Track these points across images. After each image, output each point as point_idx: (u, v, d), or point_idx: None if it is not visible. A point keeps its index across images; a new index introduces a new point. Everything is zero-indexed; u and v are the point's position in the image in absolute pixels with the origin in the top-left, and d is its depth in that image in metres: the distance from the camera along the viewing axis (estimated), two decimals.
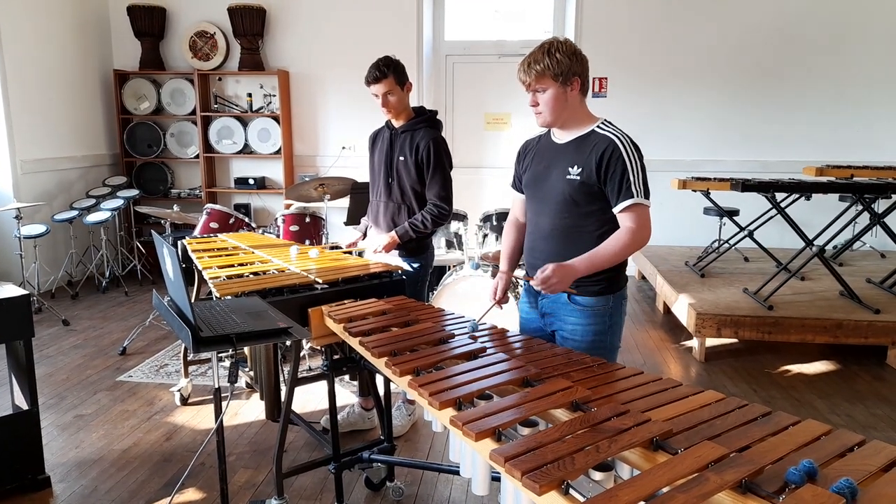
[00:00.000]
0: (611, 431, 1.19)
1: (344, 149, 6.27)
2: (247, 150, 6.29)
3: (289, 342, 2.03)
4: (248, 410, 3.27)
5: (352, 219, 3.80)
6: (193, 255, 2.76)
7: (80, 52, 5.95)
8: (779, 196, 4.34)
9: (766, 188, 4.12)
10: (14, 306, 2.44)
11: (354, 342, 1.85)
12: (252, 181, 6.27)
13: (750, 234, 5.03)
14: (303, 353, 3.79)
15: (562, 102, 1.95)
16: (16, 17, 5.19)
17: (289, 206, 4.32)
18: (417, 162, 2.78)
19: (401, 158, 2.82)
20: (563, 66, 1.90)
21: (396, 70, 2.73)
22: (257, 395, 3.39)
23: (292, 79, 6.25)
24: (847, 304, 4.11)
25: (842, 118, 5.84)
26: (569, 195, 1.96)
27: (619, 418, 1.25)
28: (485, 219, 4.34)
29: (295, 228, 3.94)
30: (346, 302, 2.19)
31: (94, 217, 5.34)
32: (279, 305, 2.00)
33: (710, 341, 4.19)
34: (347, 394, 3.42)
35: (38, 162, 5.46)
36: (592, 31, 5.81)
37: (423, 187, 2.82)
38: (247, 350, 2.74)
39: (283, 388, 2.51)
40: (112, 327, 4.63)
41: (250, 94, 6.24)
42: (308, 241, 3.91)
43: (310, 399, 3.39)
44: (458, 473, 2.22)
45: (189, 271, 3.17)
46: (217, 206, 3.85)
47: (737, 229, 5.20)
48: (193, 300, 3.14)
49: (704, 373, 3.87)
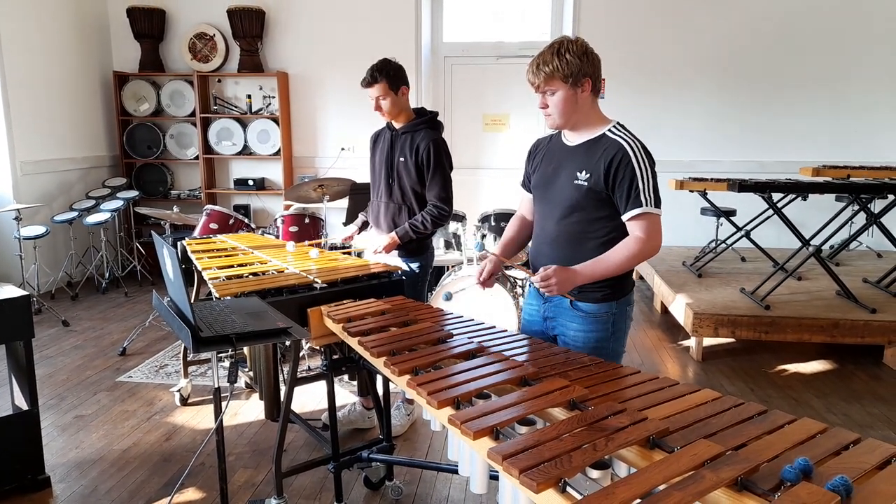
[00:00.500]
0: (608, 430, 1.20)
1: (343, 150, 6.28)
2: (246, 152, 6.30)
3: (288, 342, 2.04)
4: (248, 410, 3.28)
5: (351, 220, 3.81)
6: (193, 256, 2.77)
7: (79, 54, 5.95)
8: (775, 196, 4.35)
9: (762, 188, 4.13)
10: (14, 307, 2.44)
11: (353, 342, 1.86)
12: (251, 182, 6.27)
13: (747, 234, 5.04)
14: (302, 353, 3.80)
15: (572, 105, 1.89)
16: (16, 19, 5.19)
17: (288, 207, 4.32)
18: (418, 163, 2.79)
19: (401, 159, 2.83)
20: (573, 67, 1.84)
21: (389, 75, 2.74)
22: (257, 395, 3.40)
23: (291, 80, 6.26)
24: (844, 304, 4.13)
25: (838, 119, 5.86)
26: (576, 200, 1.91)
27: (616, 417, 1.26)
28: (483, 219, 4.35)
29: (294, 229, 3.95)
30: (345, 302, 2.20)
31: (93, 218, 5.34)
32: (278, 306, 2.01)
33: (708, 341, 4.20)
34: (347, 394, 3.43)
35: (37, 163, 5.47)
36: (590, 32, 5.82)
37: (424, 188, 2.84)
38: (246, 350, 2.75)
39: (283, 388, 2.51)
40: (112, 328, 4.63)
41: (249, 96, 6.25)
42: (307, 242, 3.92)
43: (309, 399, 3.40)
44: (456, 472, 2.23)
45: (189, 272, 3.18)
46: (217, 207, 3.86)
47: (734, 229, 5.21)
48: (193, 301, 3.16)
49: (702, 372, 3.88)
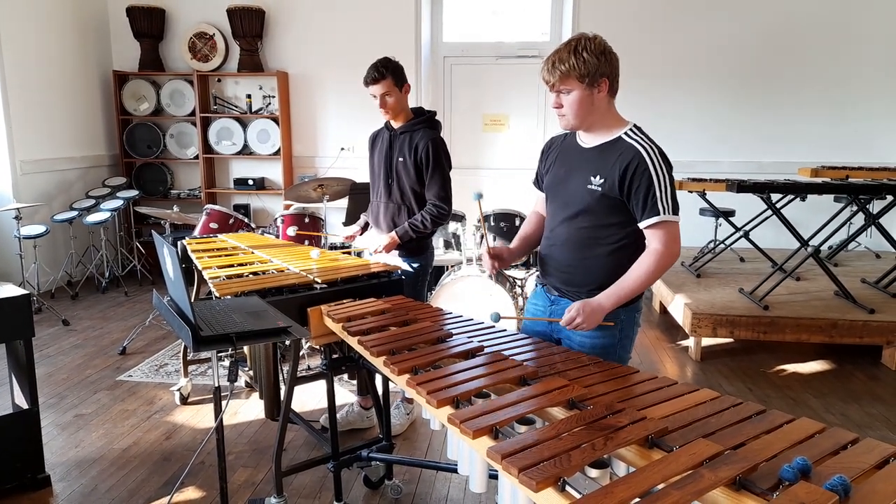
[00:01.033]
0: (607, 429, 1.20)
1: (343, 150, 6.28)
2: (246, 151, 6.30)
3: (288, 341, 2.05)
4: (248, 409, 3.28)
5: (350, 219, 3.81)
6: (193, 256, 2.78)
7: (79, 53, 5.95)
8: (774, 197, 4.36)
9: (761, 189, 4.14)
10: (14, 306, 2.45)
11: (353, 341, 1.87)
12: (251, 182, 6.27)
13: (745, 235, 5.05)
14: (302, 353, 3.81)
15: (587, 105, 1.81)
16: (15, 18, 5.19)
17: (288, 207, 4.32)
18: (417, 162, 2.79)
19: (400, 159, 2.83)
20: (590, 66, 1.76)
21: (395, 72, 2.75)
22: (257, 395, 3.40)
23: (291, 80, 6.26)
24: (842, 304, 4.14)
25: (837, 119, 5.86)
26: (588, 205, 1.85)
27: (615, 416, 1.27)
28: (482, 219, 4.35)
29: (294, 229, 3.95)
30: (345, 301, 2.21)
31: (93, 217, 5.34)
32: (278, 305, 2.02)
33: (706, 341, 4.21)
34: (346, 393, 3.43)
35: (37, 162, 5.47)
36: (589, 32, 5.82)
37: (423, 188, 2.84)
38: (246, 349, 2.75)
39: (283, 387, 2.52)
40: (112, 327, 4.64)
41: (249, 96, 6.25)
42: (307, 242, 3.92)
43: (309, 398, 3.40)
44: (455, 471, 2.24)
45: (189, 271, 3.19)
46: (216, 207, 3.87)
47: (732, 230, 5.22)
48: (193, 300, 3.16)
49: (700, 372, 3.89)
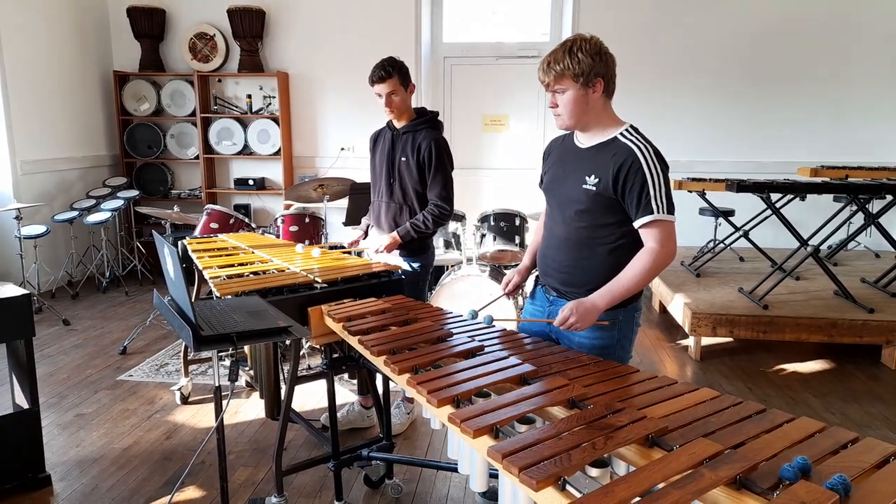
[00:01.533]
0: (607, 428, 1.20)
1: (343, 150, 6.28)
2: (246, 151, 6.30)
3: (288, 341, 2.05)
4: (248, 409, 3.29)
5: (351, 219, 3.81)
6: (194, 255, 2.78)
7: (79, 54, 5.95)
8: (774, 196, 4.36)
9: (761, 188, 4.14)
10: (15, 306, 2.45)
11: (354, 341, 1.87)
12: (252, 182, 6.28)
13: (745, 234, 5.05)
14: (302, 352, 3.81)
15: (582, 105, 1.84)
16: (16, 18, 5.19)
17: (288, 207, 4.33)
18: (419, 162, 2.80)
19: (402, 159, 2.83)
20: (584, 66, 1.78)
21: (401, 71, 2.75)
22: (257, 394, 3.40)
23: (292, 80, 6.26)
24: (842, 304, 4.14)
25: (837, 119, 5.86)
26: (584, 204, 1.87)
27: (616, 415, 1.27)
28: (482, 219, 4.36)
29: (294, 229, 3.95)
30: (346, 301, 2.21)
31: (94, 217, 5.34)
32: (279, 305, 2.02)
33: (706, 340, 4.21)
34: (347, 392, 3.43)
35: (38, 163, 5.47)
36: (589, 32, 5.79)
37: (425, 188, 2.84)
38: (247, 349, 2.75)
39: (283, 387, 2.52)
40: (112, 327, 4.64)
41: (250, 96, 6.25)
42: (308, 242, 3.93)
43: (309, 398, 3.41)
44: (456, 470, 2.24)
45: (189, 271, 3.19)
46: (217, 207, 3.87)
47: (732, 229, 5.22)
48: (194, 299, 3.16)
49: (700, 371, 3.89)
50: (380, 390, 2.53)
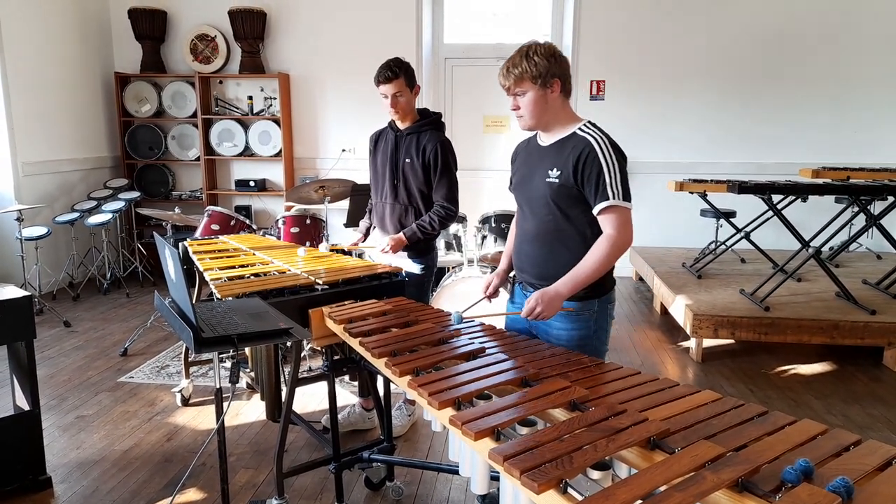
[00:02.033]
0: (608, 431, 1.20)
1: (344, 151, 6.29)
2: (247, 153, 6.30)
3: (289, 343, 2.05)
4: (249, 411, 3.28)
5: (352, 220, 3.81)
6: (195, 257, 2.78)
7: (81, 55, 5.96)
8: (775, 198, 4.35)
9: (762, 190, 4.14)
10: (16, 308, 2.45)
11: (355, 343, 1.87)
12: (253, 183, 6.28)
13: (746, 236, 5.04)
14: (303, 354, 3.81)
15: (542, 105, 1.94)
16: (17, 19, 5.20)
17: (289, 209, 4.33)
18: (424, 164, 2.80)
19: (407, 160, 2.83)
20: (541, 68, 1.89)
21: (407, 72, 2.75)
22: (258, 396, 3.40)
23: (293, 82, 6.27)
24: (843, 306, 4.13)
25: (838, 120, 5.86)
26: (550, 198, 1.96)
27: (617, 418, 1.26)
28: (483, 220, 4.36)
29: (295, 230, 3.95)
30: (347, 303, 2.21)
31: (95, 219, 5.35)
32: (280, 306, 2.02)
33: (707, 342, 4.20)
34: (347, 394, 3.43)
35: (39, 164, 5.48)
36: (590, 34, 5.83)
37: (430, 189, 2.84)
38: (248, 351, 2.75)
39: (284, 389, 2.52)
40: (113, 328, 4.64)
41: (251, 97, 6.26)
42: (308, 243, 3.93)
43: (310, 399, 3.40)
44: (457, 473, 2.23)
45: (190, 273, 3.19)
46: (218, 208, 3.87)
47: (733, 231, 5.22)
48: (195, 301, 3.16)
49: (701, 373, 3.88)
50: (381, 392, 2.53)
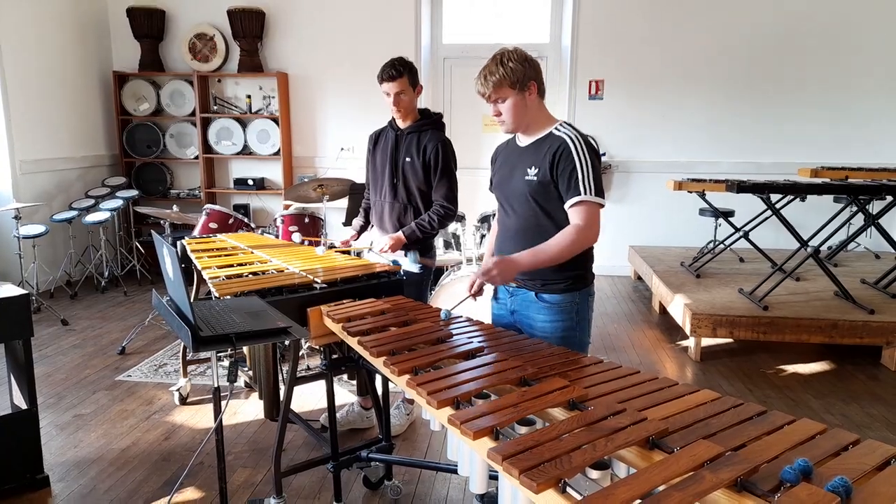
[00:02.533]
0: (607, 430, 1.20)
1: (343, 150, 6.28)
2: (246, 151, 6.30)
3: (287, 342, 2.04)
4: (247, 410, 3.28)
5: (350, 219, 3.81)
6: (193, 256, 2.77)
7: (79, 54, 5.95)
8: (774, 197, 4.36)
9: (761, 189, 4.14)
10: (13, 306, 2.44)
11: (353, 342, 1.86)
12: (251, 182, 6.27)
13: (745, 235, 5.05)
14: (301, 353, 3.80)
15: (521, 108, 2.02)
16: (15, 18, 5.19)
17: (288, 207, 4.32)
18: (425, 163, 2.80)
19: (407, 159, 2.83)
20: (517, 73, 1.96)
21: (411, 71, 2.76)
22: (256, 395, 3.40)
23: (291, 80, 6.26)
24: (842, 305, 4.13)
25: (836, 120, 5.87)
26: (529, 195, 2.03)
27: (616, 417, 1.26)
28: (482, 219, 4.36)
29: (294, 229, 3.95)
30: (345, 302, 2.20)
31: (93, 217, 5.34)
32: (278, 305, 2.01)
33: (706, 341, 4.21)
34: (346, 393, 3.43)
35: (37, 162, 5.46)
36: (589, 34, 5.83)
37: (430, 188, 2.84)
38: (246, 349, 2.75)
39: (282, 388, 2.52)
40: (111, 327, 4.63)
41: (249, 96, 6.25)
42: (307, 242, 3.92)
43: (308, 398, 3.40)
44: (455, 472, 2.23)
45: (188, 271, 3.18)
46: (216, 207, 3.86)
47: (732, 230, 5.22)
48: (193, 300, 3.15)
49: (700, 372, 3.89)
50: (379, 391, 2.52)
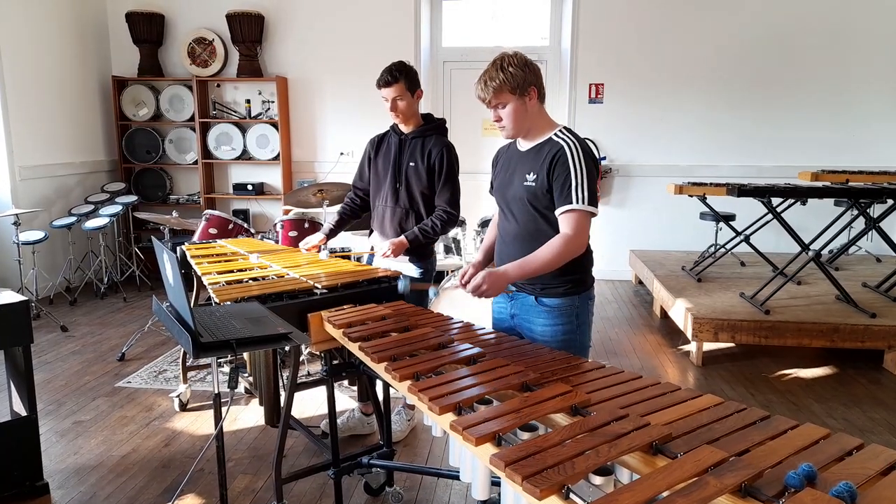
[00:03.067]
0: (610, 436, 1.19)
1: (342, 154, 6.28)
2: (245, 156, 6.30)
3: (288, 347, 2.03)
4: (248, 416, 3.27)
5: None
6: (192, 261, 2.77)
7: (78, 59, 5.96)
8: (775, 201, 4.35)
9: (762, 193, 4.14)
10: (13, 312, 2.44)
11: (354, 347, 1.86)
12: (251, 187, 6.27)
13: (746, 239, 5.04)
14: (302, 359, 3.79)
15: (522, 113, 2.01)
16: (15, 23, 5.19)
17: (287, 212, 4.33)
18: (429, 168, 2.80)
19: (411, 164, 2.83)
20: (517, 78, 1.96)
21: (408, 76, 2.75)
22: (256, 401, 3.38)
23: (290, 85, 6.27)
24: (843, 309, 4.13)
25: (837, 123, 5.87)
26: (528, 200, 2.03)
27: (619, 422, 1.25)
28: (483, 224, 4.36)
29: (294, 234, 3.94)
30: (346, 307, 2.20)
31: (92, 223, 5.34)
32: (278, 311, 2.00)
33: (708, 345, 4.20)
34: (347, 399, 3.42)
35: (36, 168, 5.46)
36: (589, 37, 5.84)
37: (433, 193, 2.84)
38: (246, 356, 2.74)
39: (283, 394, 2.51)
40: (111, 333, 4.62)
41: (249, 101, 6.25)
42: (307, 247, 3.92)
43: (309, 404, 3.39)
44: (457, 478, 2.22)
45: (188, 277, 3.17)
46: (216, 212, 3.86)
47: (733, 234, 5.22)
48: (193, 306, 3.15)
49: (702, 377, 3.88)
50: (380, 397, 2.52)
